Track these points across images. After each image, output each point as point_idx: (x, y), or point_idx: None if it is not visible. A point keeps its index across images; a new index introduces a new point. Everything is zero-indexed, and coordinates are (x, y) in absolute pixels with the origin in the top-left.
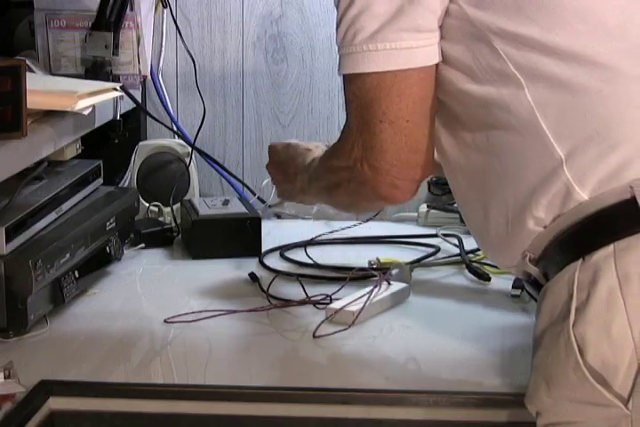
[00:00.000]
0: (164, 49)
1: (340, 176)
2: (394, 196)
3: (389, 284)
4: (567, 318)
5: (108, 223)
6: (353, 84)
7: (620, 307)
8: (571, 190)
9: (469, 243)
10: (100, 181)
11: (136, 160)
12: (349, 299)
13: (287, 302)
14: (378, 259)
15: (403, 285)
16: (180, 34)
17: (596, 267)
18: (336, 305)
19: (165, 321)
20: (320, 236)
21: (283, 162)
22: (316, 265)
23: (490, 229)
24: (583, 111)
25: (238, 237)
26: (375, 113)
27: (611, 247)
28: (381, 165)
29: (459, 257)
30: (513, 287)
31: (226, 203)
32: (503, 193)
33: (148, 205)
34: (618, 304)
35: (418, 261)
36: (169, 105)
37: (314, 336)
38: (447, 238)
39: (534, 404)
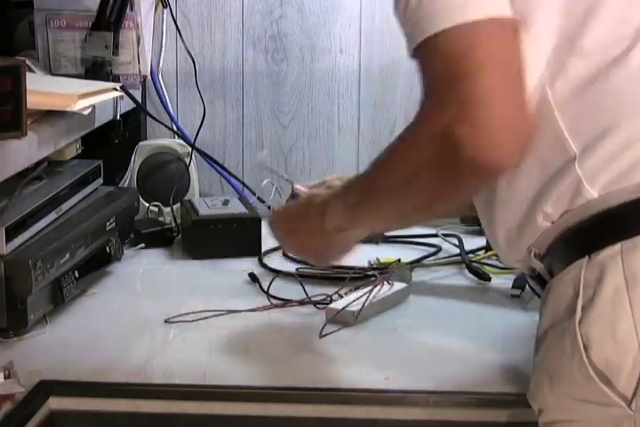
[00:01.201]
0: (164, 49)
1: (420, 157)
2: (498, 157)
3: (389, 284)
4: (573, 315)
5: (107, 223)
6: (440, 40)
7: (626, 307)
8: (580, 187)
9: (469, 243)
10: (100, 181)
11: (136, 160)
12: (349, 299)
13: (287, 302)
14: (378, 259)
15: (403, 285)
16: (180, 34)
17: (602, 266)
18: (336, 305)
19: (165, 321)
20: None
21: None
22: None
23: (503, 222)
24: (599, 108)
25: (238, 237)
26: (473, 60)
27: (617, 246)
28: (483, 119)
29: (459, 257)
30: (513, 287)
31: (226, 203)
32: (517, 186)
33: (148, 205)
34: (624, 304)
35: (418, 261)
36: (169, 105)
37: (320, 336)
38: (447, 238)
39: (537, 401)
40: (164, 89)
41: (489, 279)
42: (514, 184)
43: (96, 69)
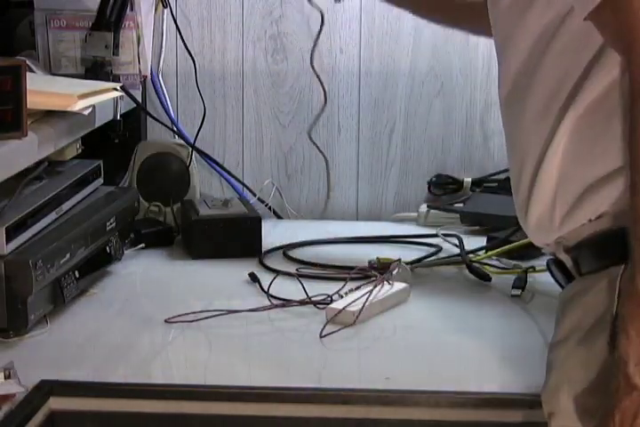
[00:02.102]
0: (164, 49)
1: None
2: None
3: (389, 284)
4: (605, 325)
5: (108, 223)
6: None
7: None
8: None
9: (469, 243)
10: (100, 181)
11: (136, 160)
12: (350, 299)
13: (287, 302)
14: (378, 259)
15: (403, 285)
16: (180, 34)
17: None
18: (336, 305)
19: (165, 321)
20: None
21: None
22: (316, 265)
23: (540, 202)
24: None
25: (238, 237)
26: None
27: None
28: None
29: (459, 257)
30: (513, 287)
31: (226, 203)
32: (574, 169)
33: (148, 205)
34: None
35: (418, 260)
36: (169, 105)
37: (321, 337)
38: (447, 238)
39: (551, 404)
40: (164, 89)
41: (489, 279)
42: (578, 160)
43: (96, 69)
